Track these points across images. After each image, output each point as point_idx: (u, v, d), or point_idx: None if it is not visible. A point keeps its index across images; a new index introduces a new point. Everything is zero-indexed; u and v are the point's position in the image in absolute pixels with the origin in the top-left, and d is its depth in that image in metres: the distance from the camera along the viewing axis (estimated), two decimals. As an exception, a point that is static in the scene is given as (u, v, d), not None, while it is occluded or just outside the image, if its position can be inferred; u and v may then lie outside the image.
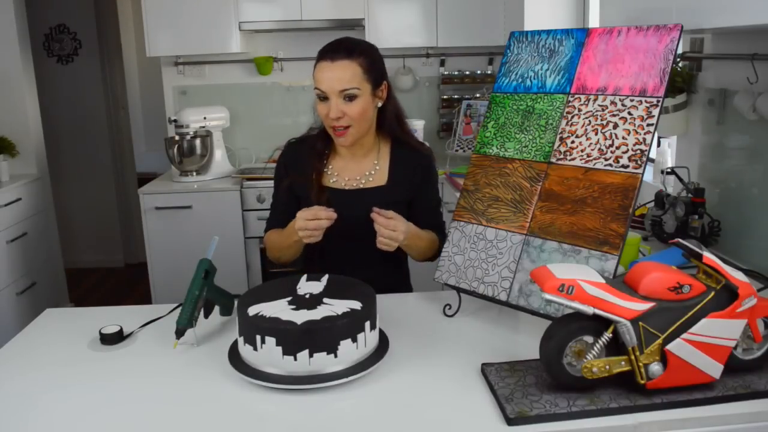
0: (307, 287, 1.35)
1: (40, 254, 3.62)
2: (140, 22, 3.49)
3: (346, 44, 1.59)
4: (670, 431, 1.09)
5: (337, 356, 1.20)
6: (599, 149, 1.40)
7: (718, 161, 2.03)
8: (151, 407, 1.17)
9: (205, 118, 3.51)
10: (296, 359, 1.18)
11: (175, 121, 3.45)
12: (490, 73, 3.84)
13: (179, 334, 1.38)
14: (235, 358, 1.28)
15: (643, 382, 1.11)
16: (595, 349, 1.11)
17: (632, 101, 1.38)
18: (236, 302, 1.33)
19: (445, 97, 3.86)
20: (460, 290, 1.53)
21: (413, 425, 1.10)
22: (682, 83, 2.11)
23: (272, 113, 3.92)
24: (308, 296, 1.31)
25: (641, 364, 1.11)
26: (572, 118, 1.46)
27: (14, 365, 1.36)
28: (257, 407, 1.17)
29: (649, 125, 1.35)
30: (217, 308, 1.50)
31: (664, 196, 2.05)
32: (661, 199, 2.06)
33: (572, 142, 1.45)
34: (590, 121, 1.43)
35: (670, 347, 1.11)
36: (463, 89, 3.86)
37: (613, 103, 1.41)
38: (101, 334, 1.43)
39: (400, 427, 1.10)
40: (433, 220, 1.76)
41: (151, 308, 1.62)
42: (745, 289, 1.13)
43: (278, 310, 1.25)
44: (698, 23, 1.56)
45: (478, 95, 3.76)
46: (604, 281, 1.12)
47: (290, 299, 1.29)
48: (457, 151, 3.47)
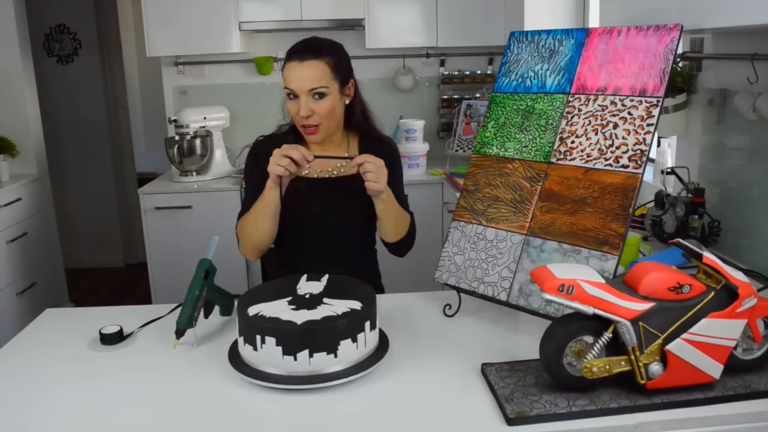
0: (307, 287, 1.35)
1: (40, 254, 3.62)
2: (140, 22, 3.49)
3: (313, 44, 1.62)
4: (670, 431, 1.09)
5: (337, 356, 1.20)
6: (599, 149, 1.40)
7: (718, 161, 2.03)
8: (151, 407, 1.17)
9: (205, 118, 3.51)
10: (296, 359, 1.18)
11: (175, 121, 3.45)
12: (490, 73, 3.84)
13: (179, 334, 1.38)
14: (235, 358, 1.28)
15: (643, 382, 1.11)
16: (595, 349, 1.11)
17: (632, 101, 1.38)
18: (236, 302, 1.33)
19: (445, 97, 3.86)
20: (460, 290, 1.53)
21: (413, 425, 1.10)
22: (682, 83, 2.11)
23: (272, 113, 3.86)
24: (308, 296, 1.31)
25: (641, 364, 1.11)
26: (572, 118, 1.46)
27: (14, 365, 1.36)
28: (257, 407, 1.17)
29: (649, 125, 1.35)
30: (217, 308, 1.50)
31: (664, 196, 2.05)
32: (661, 199, 2.06)
33: (572, 142, 1.45)
34: (590, 121, 1.43)
35: (670, 347, 1.11)
36: (463, 89, 3.86)
37: (613, 103, 1.41)
38: (101, 334, 1.43)
39: (400, 427, 1.10)
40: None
41: (151, 308, 1.62)
42: (745, 289, 1.13)
43: (278, 310, 1.25)
44: (698, 23, 1.56)
45: (478, 95, 3.77)
46: (604, 281, 1.12)
47: (290, 299, 1.29)
48: (457, 151, 3.47)
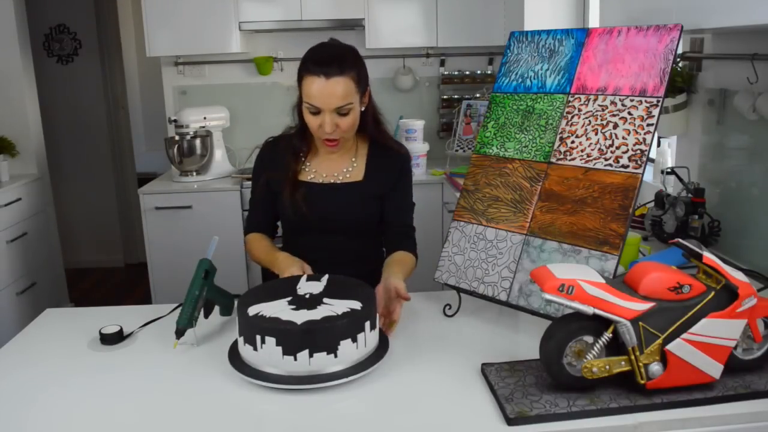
0: (307, 287, 1.35)
1: (40, 254, 3.62)
2: (140, 22, 3.49)
3: (337, 57, 1.55)
4: (670, 431, 1.09)
5: (337, 356, 1.20)
6: (599, 149, 1.40)
7: (718, 161, 2.03)
8: (151, 407, 1.18)
9: (205, 118, 3.51)
10: (296, 359, 1.18)
11: (175, 121, 3.45)
12: (490, 73, 3.83)
13: (179, 334, 1.38)
14: (235, 358, 1.28)
15: (643, 382, 1.11)
16: (595, 349, 1.11)
17: (632, 101, 1.38)
18: (236, 302, 1.33)
19: (445, 97, 3.85)
20: (460, 290, 1.53)
21: (413, 425, 1.10)
22: (682, 83, 2.11)
23: (272, 113, 3.89)
24: (308, 296, 1.31)
25: (641, 364, 1.11)
26: (572, 118, 1.46)
27: (14, 365, 1.36)
28: (257, 407, 1.17)
29: (649, 125, 1.35)
30: (217, 308, 1.50)
31: (664, 196, 2.05)
32: (661, 199, 2.06)
33: (572, 142, 1.45)
34: (590, 121, 1.43)
35: (670, 347, 1.11)
36: (463, 89, 3.86)
37: (613, 103, 1.41)
38: (101, 334, 1.43)
39: (400, 427, 1.10)
40: (403, 219, 1.75)
41: (151, 308, 1.62)
42: (745, 289, 1.13)
43: (278, 310, 1.25)
44: (698, 23, 1.56)
45: (478, 95, 3.76)
46: (604, 281, 1.12)
47: (290, 299, 1.29)
48: (457, 151, 3.47)
